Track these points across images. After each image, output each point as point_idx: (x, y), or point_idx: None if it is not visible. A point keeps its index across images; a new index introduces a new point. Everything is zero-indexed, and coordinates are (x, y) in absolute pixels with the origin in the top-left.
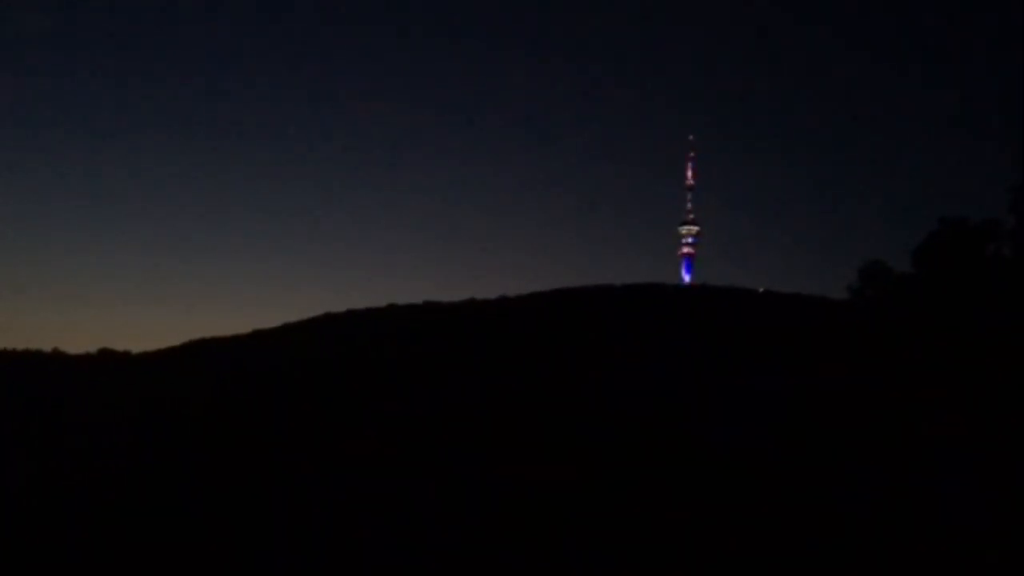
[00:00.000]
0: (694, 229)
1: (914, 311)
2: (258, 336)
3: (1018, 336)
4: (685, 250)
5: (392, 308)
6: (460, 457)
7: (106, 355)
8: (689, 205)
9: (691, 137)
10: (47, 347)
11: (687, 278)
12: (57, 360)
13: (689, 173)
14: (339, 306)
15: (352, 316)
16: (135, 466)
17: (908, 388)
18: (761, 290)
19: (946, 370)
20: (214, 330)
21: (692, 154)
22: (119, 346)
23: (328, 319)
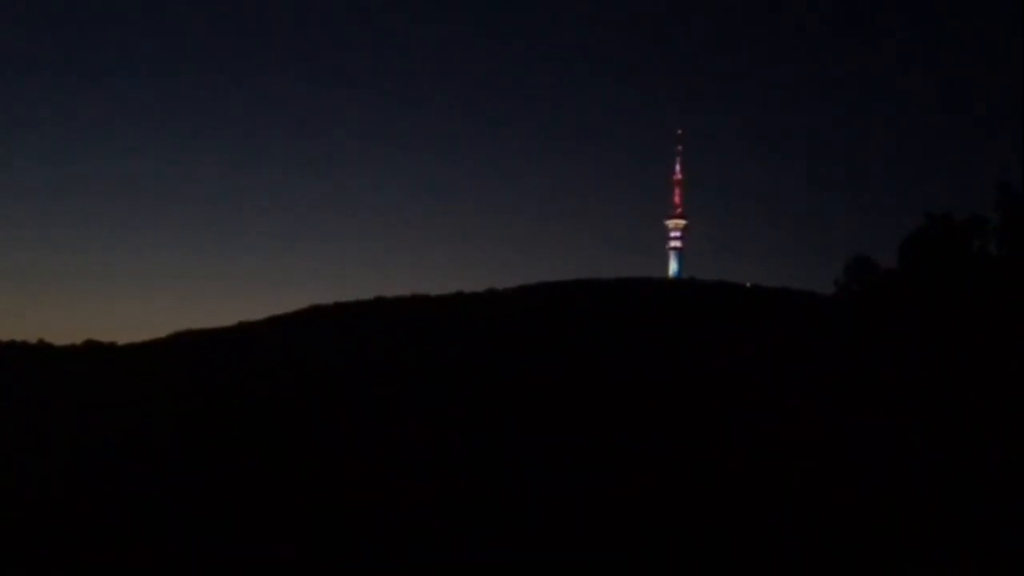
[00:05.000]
0: (682, 223)
1: (898, 304)
2: (244, 328)
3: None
4: (673, 244)
5: (379, 301)
6: (451, 445)
7: (92, 346)
8: (677, 199)
9: (679, 131)
10: (32, 338)
11: (675, 272)
12: (43, 351)
13: (677, 167)
14: (326, 299)
15: (339, 309)
16: (123, 458)
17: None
18: (748, 285)
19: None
20: (200, 322)
21: (680, 148)
22: (105, 337)
23: (315, 312)
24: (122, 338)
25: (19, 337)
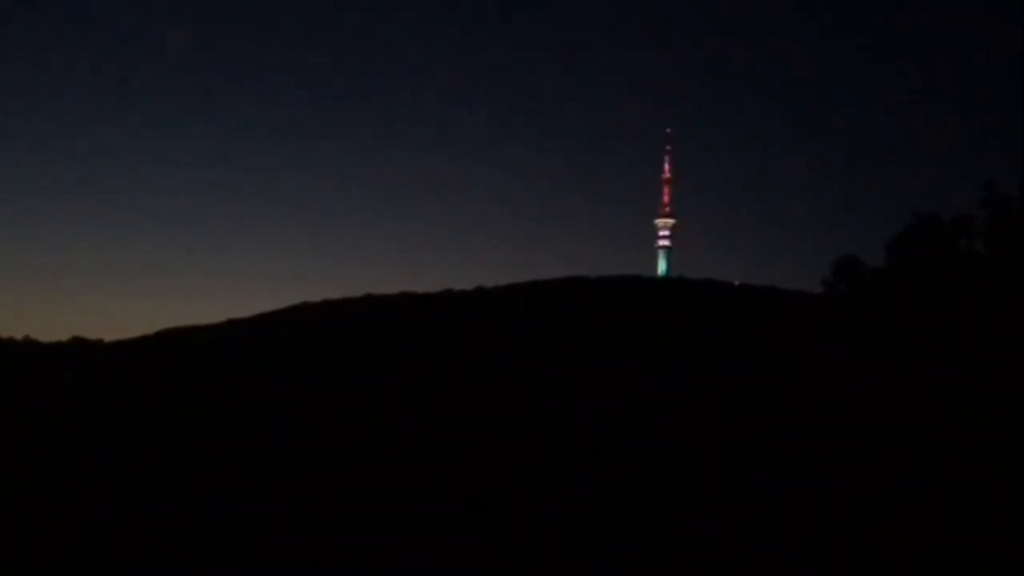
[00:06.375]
0: (671, 222)
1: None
2: (234, 325)
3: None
4: (661, 243)
5: (368, 298)
6: (442, 440)
7: (79, 343)
8: (666, 198)
9: (668, 131)
10: (19, 335)
11: (663, 271)
12: (29, 348)
13: (666, 166)
14: (315, 296)
15: (328, 306)
16: (112, 455)
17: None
18: (736, 283)
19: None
20: (189, 319)
21: (669, 147)
22: (92, 334)
23: (304, 309)
24: (109, 335)
25: (5, 334)
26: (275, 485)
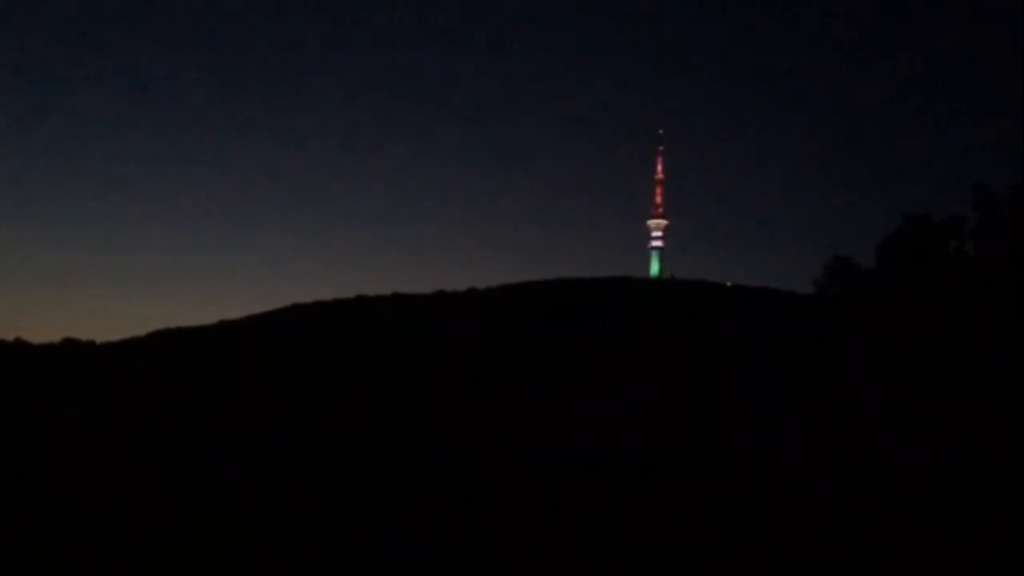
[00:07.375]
0: (663, 223)
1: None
2: (225, 326)
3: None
4: (654, 244)
5: (361, 300)
6: (436, 446)
7: (70, 344)
8: (658, 199)
9: (661, 131)
10: (9, 336)
11: (656, 272)
12: (20, 349)
13: (659, 167)
14: (307, 297)
15: (320, 307)
16: (103, 458)
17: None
18: (729, 284)
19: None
20: (181, 320)
21: (662, 148)
22: (84, 335)
23: (296, 310)
24: (101, 336)
25: None
26: (269, 487)
